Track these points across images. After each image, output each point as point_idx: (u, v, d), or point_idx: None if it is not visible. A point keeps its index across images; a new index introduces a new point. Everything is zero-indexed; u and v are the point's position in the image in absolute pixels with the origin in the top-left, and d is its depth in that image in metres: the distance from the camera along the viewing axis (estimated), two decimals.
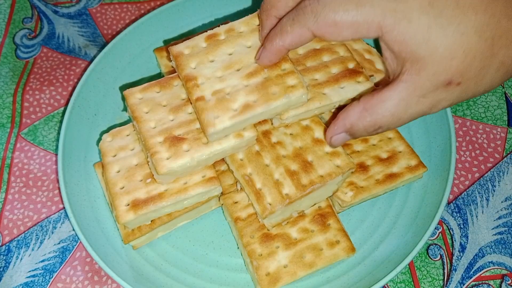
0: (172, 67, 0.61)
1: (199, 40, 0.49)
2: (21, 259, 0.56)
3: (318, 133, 0.52)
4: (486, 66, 0.36)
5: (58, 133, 0.63)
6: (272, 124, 0.52)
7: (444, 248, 0.56)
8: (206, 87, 0.46)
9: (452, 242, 0.57)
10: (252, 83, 0.46)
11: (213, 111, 0.45)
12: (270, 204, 0.48)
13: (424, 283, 0.54)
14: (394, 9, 0.36)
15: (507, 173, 0.61)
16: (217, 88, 0.46)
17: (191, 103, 0.49)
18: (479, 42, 0.35)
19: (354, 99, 0.52)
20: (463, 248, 0.56)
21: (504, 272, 0.55)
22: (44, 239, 0.57)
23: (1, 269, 0.56)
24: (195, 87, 0.47)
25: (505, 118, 0.65)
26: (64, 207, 0.59)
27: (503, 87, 0.67)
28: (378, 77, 0.55)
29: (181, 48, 0.49)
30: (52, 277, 0.55)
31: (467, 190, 0.60)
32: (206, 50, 0.48)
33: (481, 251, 0.56)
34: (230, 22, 0.64)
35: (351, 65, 0.52)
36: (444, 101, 0.38)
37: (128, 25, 0.72)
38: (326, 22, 0.38)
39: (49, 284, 0.55)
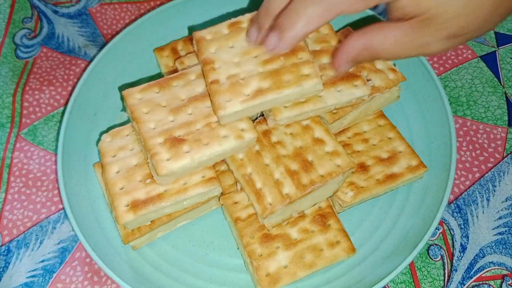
0: (173, 66, 0.61)
1: (222, 27, 0.50)
2: (21, 259, 0.56)
3: (319, 132, 0.52)
4: (489, 18, 0.39)
5: (58, 133, 0.63)
6: (267, 124, 0.52)
7: (444, 248, 0.56)
8: (222, 71, 0.48)
9: (453, 243, 0.57)
10: (267, 69, 0.47)
11: (225, 95, 0.46)
12: (270, 204, 0.48)
13: (425, 284, 0.54)
14: None
15: (507, 173, 0.61)
16: (232, 73, 0.47)
17: (206, 85, 0.50)
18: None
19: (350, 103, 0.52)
20: (463, 249, 0.56)
21: (505, 272, 0.55)
22: (44, 239, 0.57)
23: (1, 269, 0.56)
24: (211, 70, 0.48)
25: (506, 118, 0.64)
26: (63, 207, 0.59)
27: (504, 87, 0.67)
28: (377, 78, 0.55)
29: (204, 33, 0.50)
30: (51, 277, 0.55)
31: (468, 190, 0.60)
32: (227, 36, 0.49)
33: (482, 251, 0.56)
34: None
35: None
36: (441, 45, 0.41)
37: (128, 25, 0.72)
38: None
39: (48, 284, 0.55)
